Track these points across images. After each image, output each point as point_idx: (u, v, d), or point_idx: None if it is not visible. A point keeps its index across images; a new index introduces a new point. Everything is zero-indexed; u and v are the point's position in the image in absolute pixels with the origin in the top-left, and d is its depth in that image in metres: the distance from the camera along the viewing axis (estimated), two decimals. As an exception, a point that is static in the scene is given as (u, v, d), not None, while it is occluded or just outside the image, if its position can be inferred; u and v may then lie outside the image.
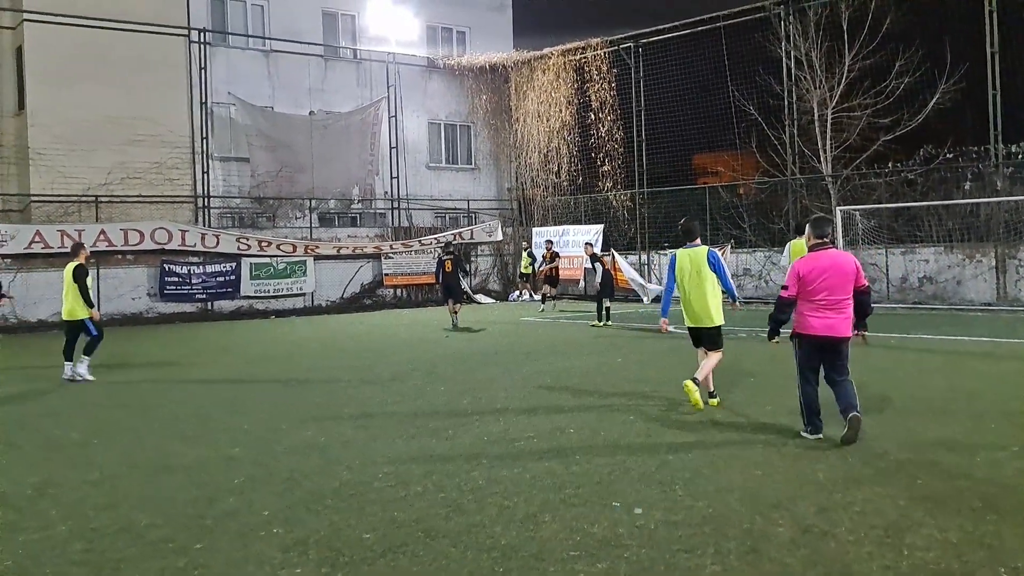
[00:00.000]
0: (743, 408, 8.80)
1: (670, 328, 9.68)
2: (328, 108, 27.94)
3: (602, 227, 27.52)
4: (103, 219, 23.21)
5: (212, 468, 7.03)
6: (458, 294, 19.97)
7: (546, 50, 29.58)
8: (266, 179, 26.28)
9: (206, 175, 25.43)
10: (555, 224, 29.41)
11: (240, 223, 26.30)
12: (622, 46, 27.57)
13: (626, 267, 24.05)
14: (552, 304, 24.08)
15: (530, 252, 28.24)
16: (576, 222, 28.89)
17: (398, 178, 29.19)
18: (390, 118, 29.01)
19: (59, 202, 23.02)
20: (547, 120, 29.61)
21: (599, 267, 19.19)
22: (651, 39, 26.82)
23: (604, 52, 28.04)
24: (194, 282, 23.99)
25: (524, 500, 5.84)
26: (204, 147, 25.40)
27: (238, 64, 26.43)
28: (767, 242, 24.05)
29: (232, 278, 24.56)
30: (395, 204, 29.22)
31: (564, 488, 6.09)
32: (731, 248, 23.96)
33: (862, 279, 7.38)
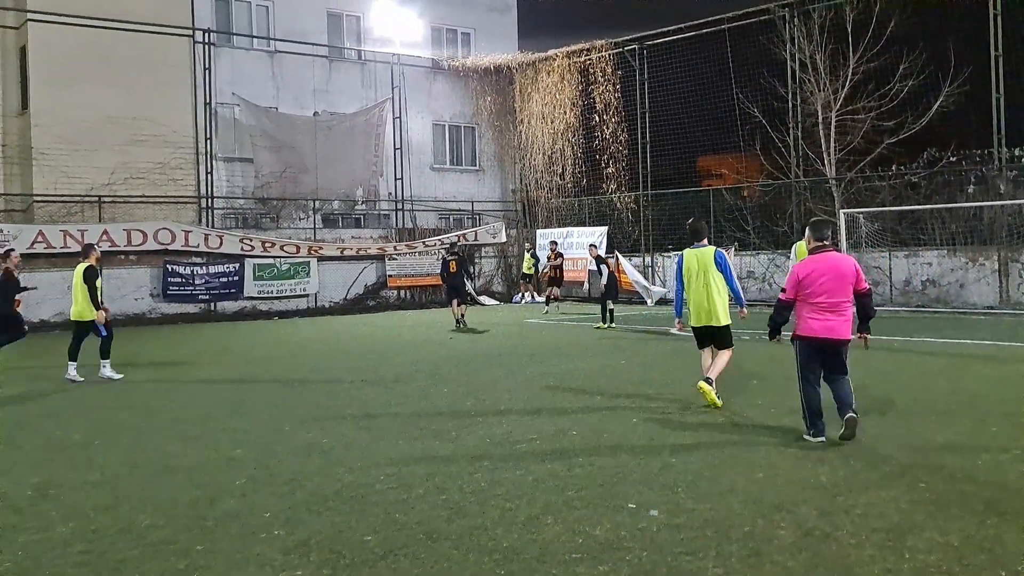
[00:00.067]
0: (745, 410, 8.79)
1: (686, 329, 9.70)
2: (332, 109, 27.96)
3: (606, 229, 27.48)
4: (106, 219, 23.22)
5: (214, 469, 7.03)
6: (462, 294, 20.06)
7: (550, 52, 29.57)
8: (270, 180, 26.30)
9: (210, 175, 25.45)
10: (559, 226, 29.36)
11: (244, 224, 26.30)
12: (626, 48, 27.56)
13: (630, 269, 24.03)
14: (555, 306, 24.07)
15: (533, 252, 28.25)
16: (580, 224, 28.86)
17: (402, 179, 29.22)
18: (394, 119, 29.02)
19: (62, 202, 23.05)
20: (551, 122, 29.59)
21: (604, 269, 19.20)
22: (655, 41, 26.83)
23: (608, 54, 28.04)
24: (197, 283, 23.98)
25: (526, 502, 5.84)
26: (208, 147, 25.41)
27: (242, 64, 26.46)
28: (771, 245, 24.03)
29: (235, 279, 24.56)
30: (399, 205, 29.23)
31: (566, 490, 6.08)
32: (735, 250, 23.93)
33: (862, 282, 7.37)
